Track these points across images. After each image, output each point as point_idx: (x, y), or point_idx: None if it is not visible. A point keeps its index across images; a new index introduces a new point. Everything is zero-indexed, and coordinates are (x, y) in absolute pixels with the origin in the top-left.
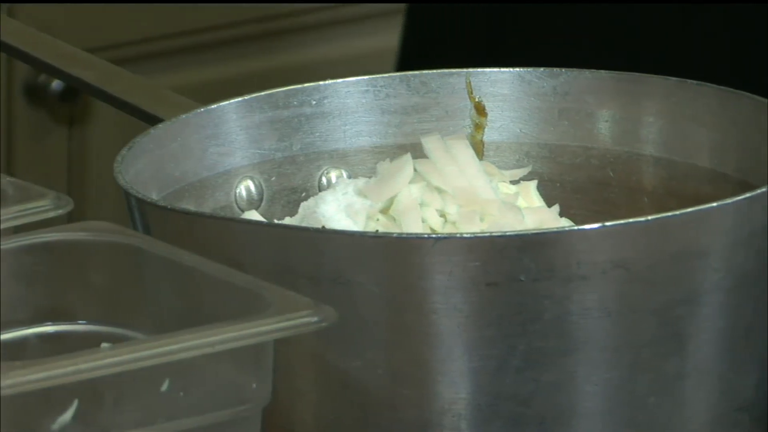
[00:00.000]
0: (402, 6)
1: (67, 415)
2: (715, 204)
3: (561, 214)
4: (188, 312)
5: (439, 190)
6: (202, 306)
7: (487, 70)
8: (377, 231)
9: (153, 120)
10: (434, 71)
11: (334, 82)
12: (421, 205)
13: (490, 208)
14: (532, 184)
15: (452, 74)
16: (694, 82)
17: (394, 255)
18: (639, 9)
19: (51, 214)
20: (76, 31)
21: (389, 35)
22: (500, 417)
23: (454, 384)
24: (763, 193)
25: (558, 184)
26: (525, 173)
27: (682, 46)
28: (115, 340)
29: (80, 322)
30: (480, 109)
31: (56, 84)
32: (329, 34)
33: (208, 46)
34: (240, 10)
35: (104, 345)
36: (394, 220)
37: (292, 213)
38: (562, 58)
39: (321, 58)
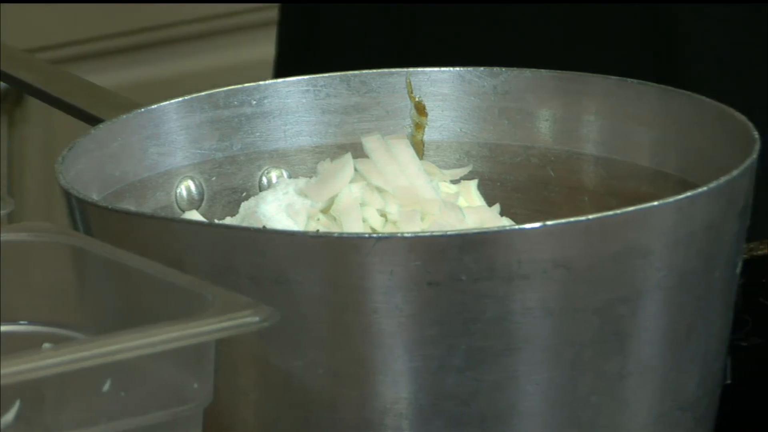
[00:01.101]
0: None
1: (10, 416)
2: (656, 203)
3: (502, 214)
4: (129, 312)
5: (380, 190)
6: (143, 306)
7: (427, 69)
8: (318, 231)
9: (93, 120)
10: (374, 71)
11: (275, 82)
12: (362, 204)
13: (430, 207)
14: (473, 184)
15: (392, 74)
16: (635, 80)
17: (335, 255)
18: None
19: None
20: (16, 31)
21: None
22: (441, 416)
23: (396, 384)
24: (703, 191)
25: (498, 184)
26: (465, 172)
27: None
28: (56, 340)
29: (21, 322)
30: (420, 109)
31: None
32: (268, 33)
33: (148, 45)
34: (180, 10)
35: (46, 345)
36: (335, 219)
37: (233, 213)
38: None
39: (260, 58)
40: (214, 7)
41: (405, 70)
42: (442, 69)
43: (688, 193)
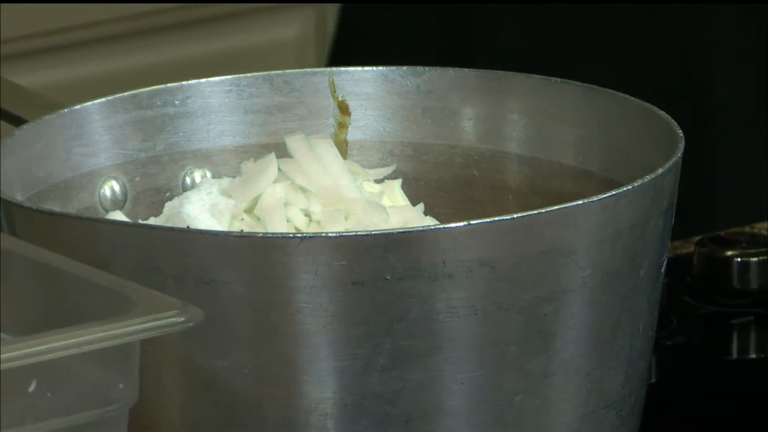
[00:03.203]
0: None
1: None
2: (580, 202)
3: (426, 213)
4: (54, 313)
5: (304, 190)
6: (68, 307)
7: (350, 69)
8: (242, 231)
9: (17, 121)
10: (297, 70)
11: (198, 82)
12: (286, 204)
13: (354, 207)
14: (397, 183)
15: (315, 73)
16: (558, 79)
17: (259, 255)
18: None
19: None
20: None
21: (253, 34)
22: (367, 416)
23: (321, 383)
24: (628, 190)
25: (422, 183)
26: (389, 172)
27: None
28: None
29: None
30: (343, 108)
31: None
32: (194, 32)
33: (71, 45)
34: (104, 9)
35: None
36: (259, 219)
37: (157, 213)
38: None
39: (184, 58)
40: (137, 6)
41: (328, 69)
42: (365, 68)
43: (613, 192)
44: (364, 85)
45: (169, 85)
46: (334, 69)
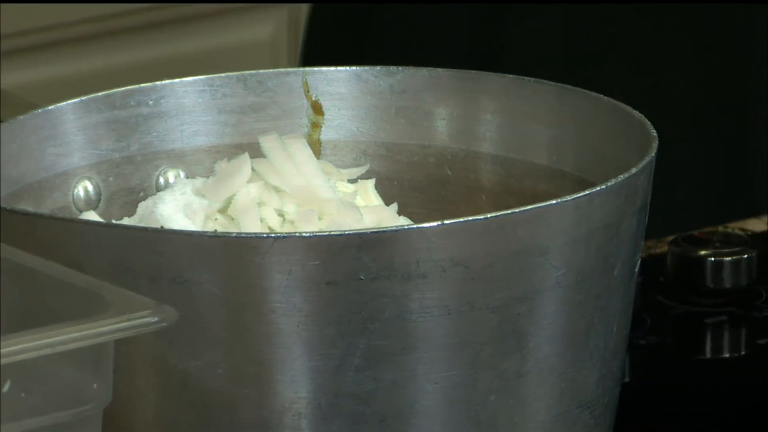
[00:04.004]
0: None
1: None
2: (554, 201)
3: (399, 213)
4: (29, 313)
5: (277, 190)
6: (42, 307)
7: (324, 69)
8: (216, 231)
9: None
10: (270, 70)
11: (171, 82)
12: (259, 204)
13: (328, 207)
14: (370, 183)
15: (289, 73)
16: (532, 79)
17: (233, 254)
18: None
19: None
20: None
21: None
22: (341, 416)
23: (294, 383)
24: (601, 190)
25: (396, 183)
26: (362, 172)
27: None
28: None
29: None
30: (317, 108)
31: None
32: (167, 33)
33: (44, 46)
34: (76, 9)
35: None
36: (233, 219)
37: (131, 213)
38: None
39: (157, 58)
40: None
41: (301, 69)
42: (338, 68)
43: (586, 192)
44: (338, 85)
45: (142, 85)
46: (307, 69)
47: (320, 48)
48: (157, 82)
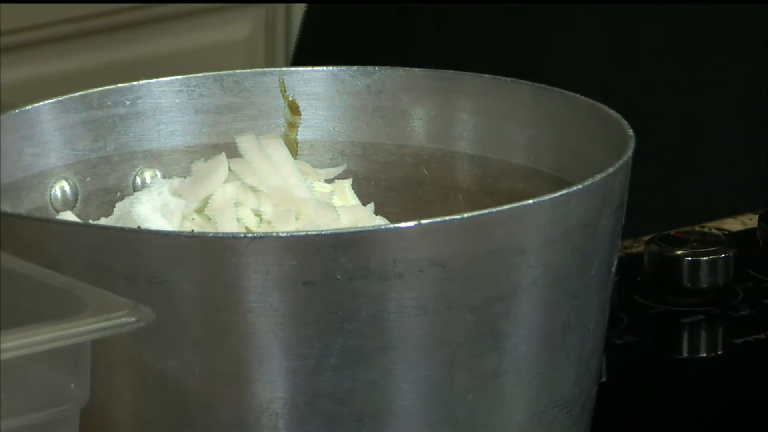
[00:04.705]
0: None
1: None
2: (531, 201)
3: (376, 213)
4: (6, 313)
5: (254, 190)
6: (19, 307)
7: (300, 69)
8: (193, 231)
9: None
10: (247, 70)
11: (148, 82)
12: (236, 204)
13: (305, 206)
14: (347, 183)
15: (265, 73)
16: (508, 78)
17: (210, 254)
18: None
19: None
20: None
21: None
22: (318, 416)
23: (272, 383)
24: (578, 190)
25: (373, 183)
26: (339, 172)
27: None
28: None
29: None
30: (293, 108)
31: None
32: (143, 33)
33: (21, 46)
34: (53, 9)
35: None
36: (209, 219)
37: (107, 213)
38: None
39: (136, 58)
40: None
41: (278, 69)
42: (315, 68)
43: (563, 191)
44: (315, 85)
45: (119, 85)
46: (284, 69)
47: (318, 48)
48: (134, 83)
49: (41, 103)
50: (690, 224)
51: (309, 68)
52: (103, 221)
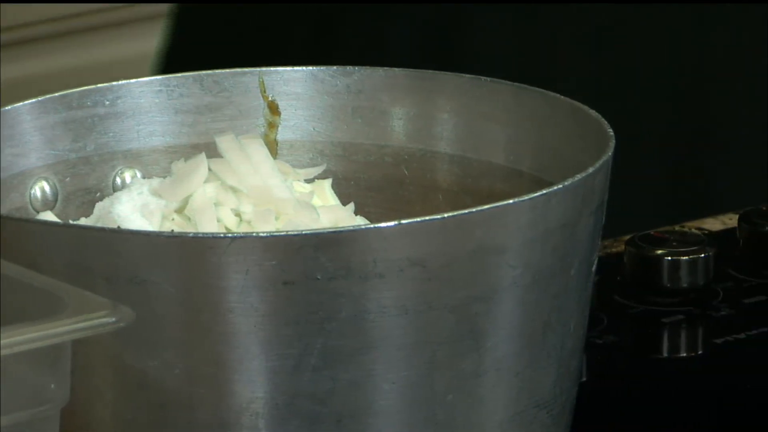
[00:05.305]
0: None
1: None
2: (511, 201)
3: (356, 213)
4: None
5: (234, 190)
6: None
7: (280, 69)
8: (172, 231)
9: None
10: (227, 70)
11: (128, 82)
12: (216, 204)
13: (284, 206)
14: (327, 183)
15: (245, 73)
16: (488, 78)
17: (190, 255)
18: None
19: None
20: None
21: None
22: (298, 416)
23: (252, 383)
24: (558, 189)
25: (352, 182)
26: (319, 172)
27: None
28: None
29: None
30: (273, 108)
31: None
32: (123, 33)
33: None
34: (32, 10)
35: None
36: (189, 219)
37: (87, 213)
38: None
39: (114, 58)
40: (66, 7)
41: (258, 69)
42: (295, 68)
43: (543, 191)
44: (294, 84)
45: (99, 85)
46: (263, 69)
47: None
48: (114, 83)
49: (21, 104)
50: (670, 224)
51: (289, 68)
52: (83, 221)
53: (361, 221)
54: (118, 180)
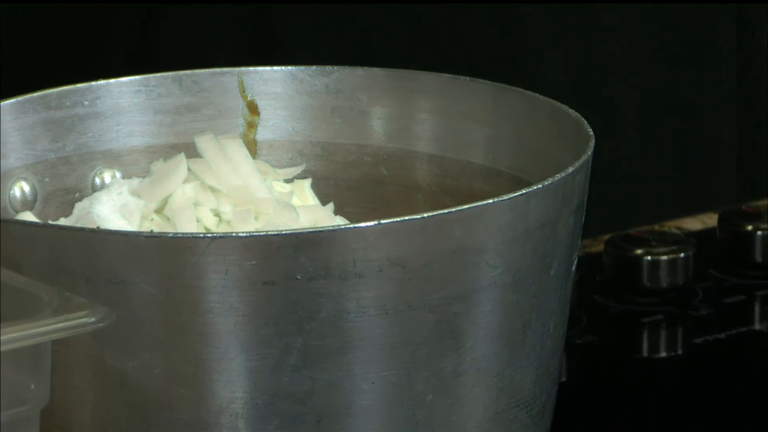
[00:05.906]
0: None
1: None
2: (490, 201)
3: (335, 212)
4: None
5: (213, 190)
6: None
7: (260, 68)
8: (152, 231)
9: None
10: (206, 70)
11: (107, 83)
12: (195, 204)
13: (264, 206)
14: (306, 183)
15: (224, 73)
16: (467, 78)
17: (169, 255)
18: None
19: None
20: None
21: None
22: (278, 416)
23: (232, 383)
24: (538, 189)
25: (332, 182)
26: (298, 171)
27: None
28: None
29: None
30: (252, 108)
31: None
32: None
33: None
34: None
35: None
36: (169, 219)
37: (67, 214)
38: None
39: None
40: None
41: (237, 69)
42: (274, 68)
43: (523, 191)
44: (273, 84)
45: (78, 85)
46: (242, 69)
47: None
48: (93, 83)
49: (0, 103)
50: (649, 224)
51: (268, 68)
52: (62, 221)
53: (340, 221)
54: (98, 180)
